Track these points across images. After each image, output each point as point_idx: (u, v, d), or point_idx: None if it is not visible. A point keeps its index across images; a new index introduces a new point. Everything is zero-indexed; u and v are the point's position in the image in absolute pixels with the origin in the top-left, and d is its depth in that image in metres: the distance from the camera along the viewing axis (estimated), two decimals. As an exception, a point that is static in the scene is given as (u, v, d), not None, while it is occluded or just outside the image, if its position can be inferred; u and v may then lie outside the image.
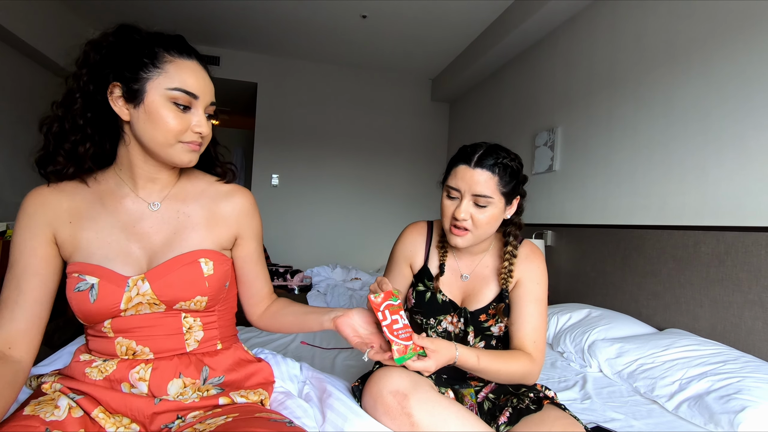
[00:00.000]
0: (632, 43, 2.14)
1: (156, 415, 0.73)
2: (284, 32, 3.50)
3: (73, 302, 0.72)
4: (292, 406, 0.87)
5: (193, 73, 0.74)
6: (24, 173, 2.96)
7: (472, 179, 0.90)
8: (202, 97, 0.74)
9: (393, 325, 0.76)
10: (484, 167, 0.90)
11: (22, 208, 0.75)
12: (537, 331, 0.96)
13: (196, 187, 0.84)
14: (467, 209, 0.91)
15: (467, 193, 0.91)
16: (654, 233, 1.92)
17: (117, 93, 0.72)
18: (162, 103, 0.71)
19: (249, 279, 0.90)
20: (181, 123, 0.72)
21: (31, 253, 0.73)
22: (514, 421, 0.87)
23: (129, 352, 0.75)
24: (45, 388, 0.73)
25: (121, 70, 0.71)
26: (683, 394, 1.26)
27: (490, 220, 0.92)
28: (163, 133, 0.71)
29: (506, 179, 0.91)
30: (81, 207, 0.76)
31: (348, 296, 2.76)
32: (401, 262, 1.06)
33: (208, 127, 0.76)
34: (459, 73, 3.78)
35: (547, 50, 2.87)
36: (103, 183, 0.79)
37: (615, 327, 1.75)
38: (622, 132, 2.18)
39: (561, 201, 2.65)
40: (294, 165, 4.07)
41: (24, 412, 0.66)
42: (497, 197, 0.91)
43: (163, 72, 0.71)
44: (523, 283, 1.00)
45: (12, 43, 2.72)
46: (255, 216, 0.89)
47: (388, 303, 0.78)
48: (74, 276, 0.72)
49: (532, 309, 0.97)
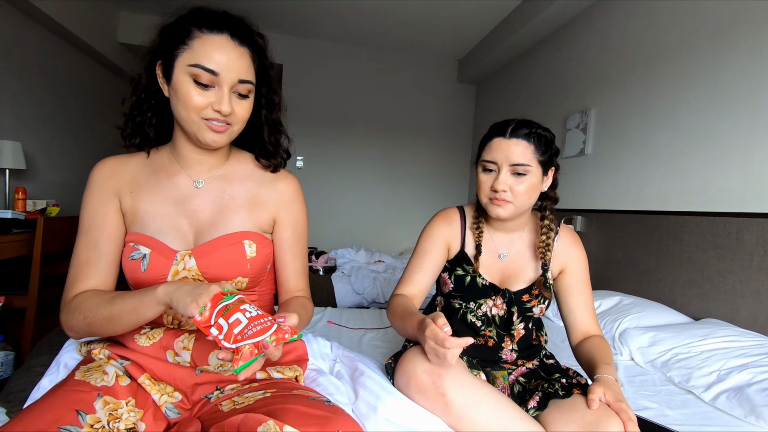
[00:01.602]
0: (673, 19, 2.02)
1: (197, 385, 0.75)
2: (310, 13, 3.47)
3: (126, 269, 0.76)
4: (325, 383, 0.88)
5: (218, 48, 0.70)
6: (61, 154, 3.07)
7: (508, 149, 0.90)
8: (225, 74, 0.71)
9: (233, 329, 0.60)
10: (519, 137, 0.90)
11: (91, 178, 0.79)
12: (593, 312, 1.02)
13: (244, 170, 0.85)
14: (506, 180, 0.90)
15: (504, 164, 0.90)
16: (692, 220, 1.84)
17: (159, 72, 0.75)
18: (184, 80, 0.70)
19: (277, 266, 0.88)
20: (201, 100, 0.71)
21: (104, 218, 0.77)
22: (544, 406, 0.86)
23: (175, 322, 0.78)
24: (94, 353, 0.76)
25: (162, 49, 0.74)
26: (722, 385, 1.22)
27: (528, 189, 0.91)
28: (185, 110, 0.72)
29: (542, 148, 0.91)
30: (140, 179, 0.80)
31: (372, 278, 2.77)
32: (439, 242, 1.02)
33: (230, 106, 0.72)
34: (487, 54, 3.67)
35: (581, 28, 2.75)
36: (159, 158, 0.82)
37: (648, 315, 1.71)
38: (660, 113, 2.08)
39: (591, 185, 2.57)
40: (319, 147, 4.07)
41: (75, 377, 0.69)
42: (534, 165, 0.91)
43: (189, 48, 0.70)
44: (571, 270, 1.00)
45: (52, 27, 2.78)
46: (294, 204, 0.87)
47: (220, 308, 0.61)
48: (130, 245, 0.76)
49: (586, 295, 1.01)
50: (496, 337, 1.00)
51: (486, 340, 1.01)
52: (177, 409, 0.75)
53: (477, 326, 1.00)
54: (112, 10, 3.39)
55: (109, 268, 0.77)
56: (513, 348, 1.01)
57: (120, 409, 0.68)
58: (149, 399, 0.73)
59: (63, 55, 3.02)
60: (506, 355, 1.01)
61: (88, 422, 0.63)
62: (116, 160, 0.81)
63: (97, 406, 0.65)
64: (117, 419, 0.66)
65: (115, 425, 0.65)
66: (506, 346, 1.01)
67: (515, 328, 0.99)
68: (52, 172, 2.99)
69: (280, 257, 0.87)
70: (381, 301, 2.73)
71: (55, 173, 3.02)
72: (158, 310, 0.66)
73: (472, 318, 1.01)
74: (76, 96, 3.23)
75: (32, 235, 1.97)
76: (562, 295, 1.03)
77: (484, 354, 1.01)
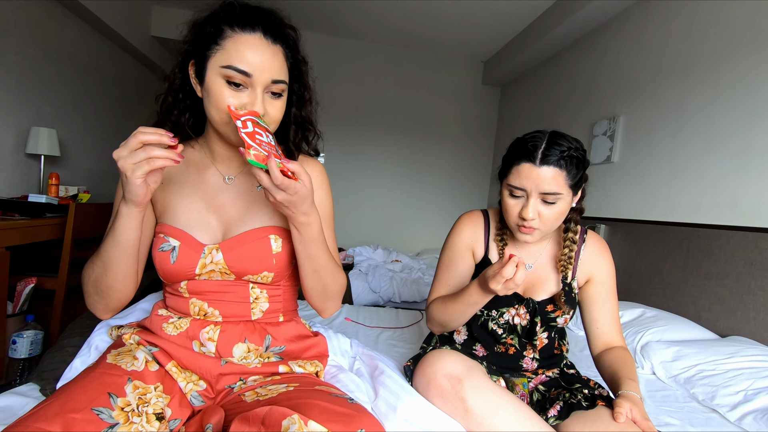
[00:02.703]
0: (714, 26, 1.96)
1: (222, 375, 0.77)
2: (334, 10, 3.48)
3: (156, 260, 0.78)
4: (345, 380, 0.89)
5: (251, 48, 0.69)
6: (93, 142, 3.16)
7: (538, 178, 0.83)
8: (258, 75, 0.69)
9: (255, 136, 0.64)
10: (551, 164, 0.83)
11: None
12: (618, 323, 1.01)
13: None
14: (535, 208, 0.86)
15: (534, 192, 0.85)
16: (723, 233, 1.78)
17: (192, 72, 0.75)
18: (217, 82, 0.69)
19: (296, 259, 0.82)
20: (234, 102, 0.69)
21: None
22: (564, 415, 0.85)
23: (201, 313, 0.80)
24: (125, 338, 0.79)
25: (194, 49, 0.73)
26: (749, 405, 1.18)
27: (558, 215, 0.88)
28: (217, 112, 0.71)
29: (573, 172, 0.85)
30: (172, 172, 0.81)
31: (389, 278, 2.78)
32: (464, 250, 1.03)
33: (263, 108, 0.71)
34: (513, 56, 3.63)
35: (614, 33, 2.69)
36: (191, 153, 0.83)
37: (672, 329, 1.66)
38: (694, 123, 2.02)
39: (617, 194, 2.51)
40: (340, 144, 4.10)
41: (107, 360, 0.72)
42: (566, 191, 0.86)
43: (221, 49, 0.69)
44: (598, 279, 0.99)
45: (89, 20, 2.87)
46: (318, 190, 0.85)
47: (251, 118, 0.66)
48: (160, 236, 0.78)
49: (611, 305, 1.00)
50: (518, 346, 0.99)
51: (507, 348, 1.00)
52: (201, 397, 0.76)
53: (498, 334, 0.99)
54: (146, 3, 3.48)
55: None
56: (534, 357, 1.00)
57: (149, 394, 0.70)
58: (176, 386, 0.75)
59: (98, 47, 3.12)
60: (527, 364, 1.00)
61: (119, 405, 0.65)
62: None
63: (127, 390, 0.67)
64: (146, 403, 0.68)
65: (144, 409, 0.67)
66: (528, 355, 1.00)
67: (538, 338, 0.98)
68: (84, 160, 3.09)
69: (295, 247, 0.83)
70: (397, 300, 2.74)
71: (87, 161, 3.12)
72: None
73: (494, 326, 0.99)
74: (109, 87, 3.33)
75: (64, 219, 2.04)
76: (585, 303, 1.01)
77: (505, 362, 1.00)
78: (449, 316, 0.94)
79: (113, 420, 0.63)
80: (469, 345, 1.04)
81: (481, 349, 1.02)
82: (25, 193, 2.42)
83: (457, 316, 0.93)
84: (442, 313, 0.96)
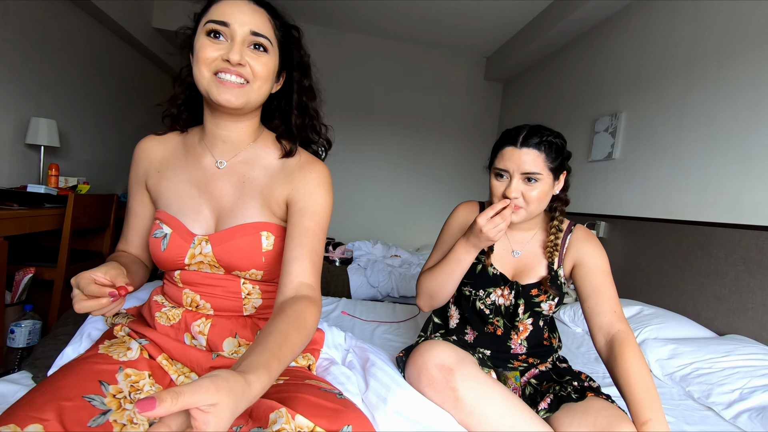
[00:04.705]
0: (719, 23, 1.93)
1: (212, 368, 0.77)
2: (337, 4, 3.46)
3: (150, 246, 0.79)
4: (336, 372, 0.89)
5: (230, 4, 0.70)
6: (93, 133, 3.16)
7: (519, 159, 0.92)
8: (237, 26, 0.69)
9: None
10: (530, 146, 0.92)
11: (133, 156, 0.85)
12: (614, 300, 0.95)
13: (269, 154, 0.81)
14: (518, 188, 0.93)
15: (516, 173, 0.93)
16: (724, 231, 1.77)
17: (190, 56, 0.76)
18: (200, 40, 0.71)
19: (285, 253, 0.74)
20: (212, 52, 0.69)
21: (134, 195, 0.84)
22: (555, 408, 0.86)
23: (193, 305, 0.79)
24: (116, 330, 0.79)
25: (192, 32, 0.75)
26: (744, 404, 1.18)
27: (540, 195, 0.94)
28: (198, 67, 0.70)
29: (552, 155, 0.93)
30: (170, 158, 0.82)
31: (387, 272, 2.78)
32: (458, 232, 1.08)
33: (240, 55, 0.68)
34: (516, 52, 3.60)
35: (617, 28, 2.66)
36: (190, 138, 0.83)
37: (669, 327, 1.66)
38: (696, 120, 2.00)
39: (618, 191, 2.50)
40: (339, 139, 4.06)
41: (99, 351, 0.72)
42: (546, 173, 0.93)
43: (206, 14, 0.72)
44: (585, 261, 0.99)
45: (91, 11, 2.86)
46: (316, 194, 0.78)
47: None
48: (156, 222, 0.78)
49: (601, 280, 0.97)
50: (503, 327, 1.03)
51: (495, 329, 1.04)
52: (192, 388, 0.76)
53: (485, 314, 1.03)
54: (148, -5, 3.46)
55: (133, 238, 0.86)
56: (522, 342, 1.02)
57: (142, 381, 0.70)
58: (167, 377, 0.75)
59: (99, 38, 3.11)
60: (515, 346, 1.02)
61: (110, 392, 0.65)
62: (155, 139, 0.84)
63: (119, 378, 0.67)
64: (138, 390, 0.68)
65: (136, 396, 0.67)
66: (514, 337, 1.02)
67: (520, 321, 1.00)
68: (84, 151, 3.09)
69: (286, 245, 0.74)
70: (395, 295, 2.74)
71: (87, 152, 3.11)
72: None
73: (481, 305, 1.03)
74: (110, 78, 3.32)
75: (63, 210, 2.04)
76: (579, 290, 1.01)
77: (494, 343, 1.03)
78: (436, 281, 0.99)
79: (105, 407, 0.63)
80: (461, 330, 1.08)
81: (471, 333, 1.06)
82: (25, 184, 2.42)
83: (444, 280, 0.97)
84: (429, 281, 1.00)
